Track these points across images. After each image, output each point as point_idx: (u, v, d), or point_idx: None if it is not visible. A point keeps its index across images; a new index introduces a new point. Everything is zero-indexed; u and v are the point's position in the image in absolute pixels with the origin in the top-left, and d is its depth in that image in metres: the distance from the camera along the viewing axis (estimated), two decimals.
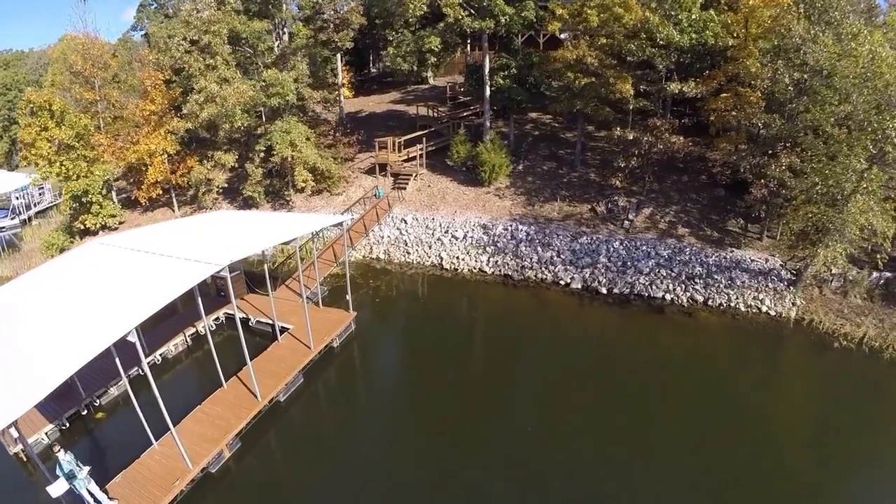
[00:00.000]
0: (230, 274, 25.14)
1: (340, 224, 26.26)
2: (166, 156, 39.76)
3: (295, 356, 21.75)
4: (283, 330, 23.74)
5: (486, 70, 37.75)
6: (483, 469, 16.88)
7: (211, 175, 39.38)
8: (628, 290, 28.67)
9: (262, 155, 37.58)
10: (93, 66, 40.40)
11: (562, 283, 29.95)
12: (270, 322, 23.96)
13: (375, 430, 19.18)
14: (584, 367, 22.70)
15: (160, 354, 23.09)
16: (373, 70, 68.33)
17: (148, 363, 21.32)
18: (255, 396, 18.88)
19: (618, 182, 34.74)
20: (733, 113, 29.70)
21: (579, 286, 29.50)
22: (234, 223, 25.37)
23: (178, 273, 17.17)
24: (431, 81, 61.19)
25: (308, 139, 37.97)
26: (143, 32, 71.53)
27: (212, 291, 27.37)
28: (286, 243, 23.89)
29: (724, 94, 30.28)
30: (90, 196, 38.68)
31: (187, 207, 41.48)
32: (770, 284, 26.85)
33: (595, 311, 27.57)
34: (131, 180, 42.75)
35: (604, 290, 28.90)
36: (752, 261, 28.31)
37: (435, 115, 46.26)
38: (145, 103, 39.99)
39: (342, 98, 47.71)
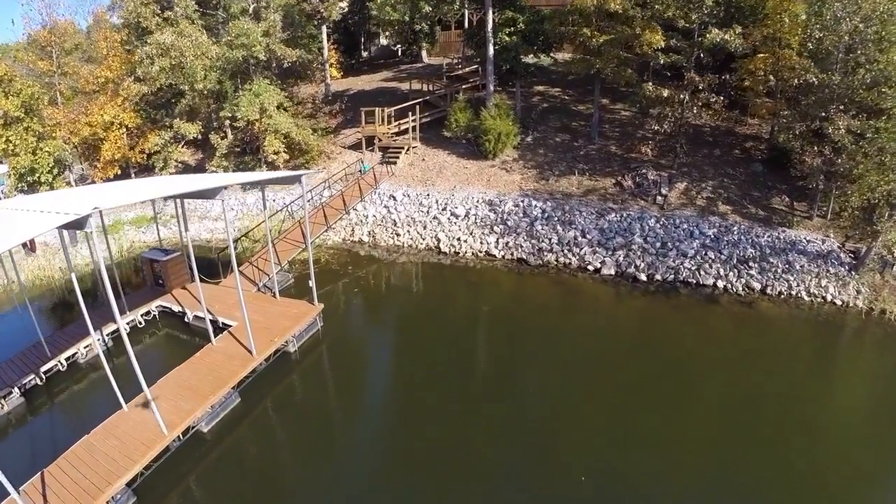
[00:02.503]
0: (166, 257, 19.91)
1: (298, 181, 19.33)
2: (124, 129, 34.61)
3: (229, 366, 15.85)
4: (224, 327, 18.21)
5: (489, 26, 32.34)
6: None
7: (170, 148, 34.00)
8: (672, 275, 23.44)
9: (228, 123, 32.07)
10: (50, 34, 36.86)
11: (590, 268, 24.42)
12: (212, 317, 18.45)
13: (338, 476, 13.05)
14: (636, 375, 17.15)
15: (65, 359, 17.28)
16: (364, 54, 63.47)
17: (45, 371, 15.95)
18: (161, 428, 12.97)
19: (648, 151, 30.08)
20: (770, 77, 26.55)
21: (612, 272, 24.01)
22: (155, 184, 20.15)
23: (27, 224, 12.04)
24: (426, 59, 56.15)
25: (282, 106, 32.60)
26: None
27: (148, 280, 21.92)
28: (192, 195, 17.02)
29: (762, 55, 26.70)
30: (37, 175, 33.95)
31: None
32: (831, 269, 22.62)
33: (636, 303, 22.06)
34: (89, 159, 37.74)
35: (643, 277, 23.49)
36: (809, 242, 24.11)
37: (431, 89, 40.79)
38: (100, 70, 34.96)
39: (328, 76, 42.32)
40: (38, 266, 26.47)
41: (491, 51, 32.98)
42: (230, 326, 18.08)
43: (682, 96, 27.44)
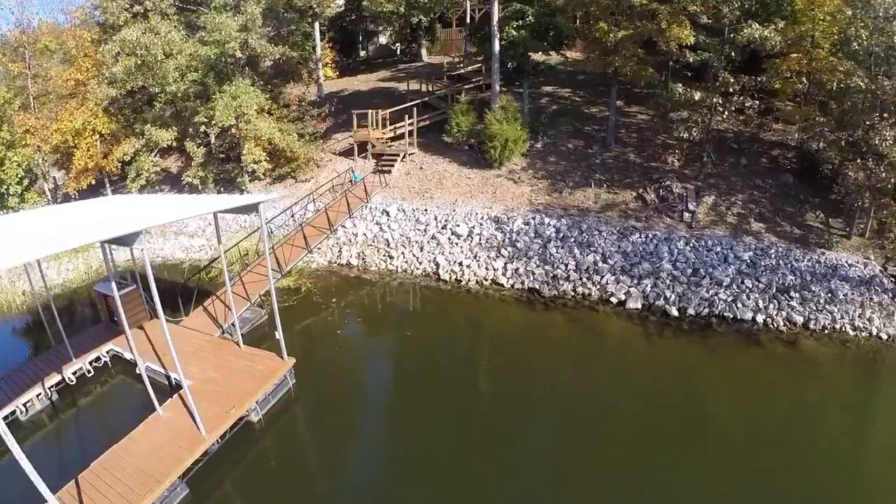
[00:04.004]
0: (118, 291, 16.78)
1: (255, 209, 15.57)
2: (97, 136, 31.37)
3: (174, 448, 12.48)
4: (178, 387, 14.93)
5: (495, 20, 29.12)
6: None
7: (142, 157, 30.84)
8: (706, 309, 20.26)
9: (203, 129, 28.89)
10: (22, 34, 34.19)
11: (613, 300, 21.14)
12: (164, 371, 15.41)
13: None
14: (669, 441, 13.97)
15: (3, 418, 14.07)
16: (362, 53, 60.45)
17: None
18: None
19: (676, 161, 26.93)
20: (803, 80, 24.86)
21: (638, 305, 20.73)
22: (106, 208, 17.00)
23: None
24: (426, 59, 53.14)
25: (265, 110, 29.43)
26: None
27: (103, 315, 18.87)
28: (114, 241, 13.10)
29: (795, 55, 24.41)
30: (5, 186, 31.44)
31: None
32: (874, 297, 19.98)
33: (667, 346, 18.78)
34: (64, 168, 34.85)
35: (674, 311, 20.28)
36: (850, 266, 21.53)
37: (431, 89, 37.57)
38: (69, 71, 31.81)
39: (321, 76, 39.07)
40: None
41: (497, 47, 29.78)
42: (181, 389, 14.79)
43: (714, 99, 24.23)
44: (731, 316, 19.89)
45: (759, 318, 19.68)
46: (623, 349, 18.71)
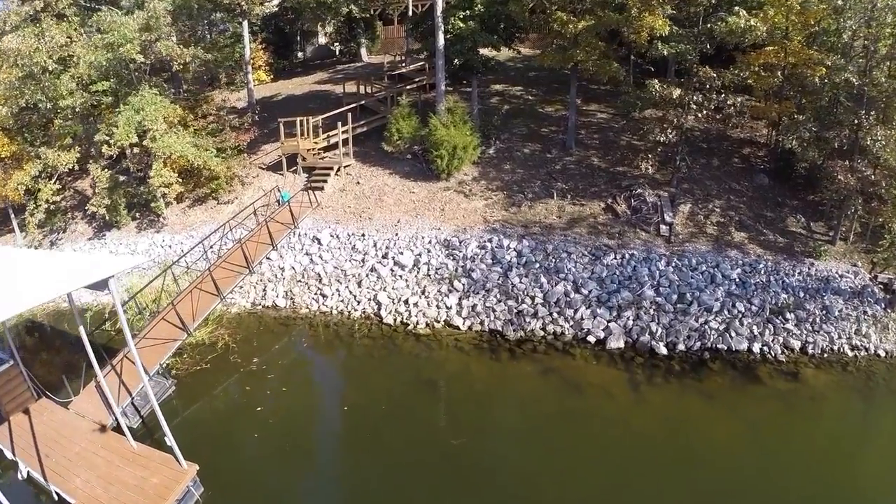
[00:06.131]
0: None
1: (105, 287, 11.68)
2: None
3: None
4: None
5: (439, 10, 25.64)
6: None
7: (40, 184, 26.43)
8: (698, 342, 17.64)
9: (106, 147, 24.65)
10: None
11: (591, 339, 17.90)
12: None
13: None
14: None
15: None
16: (300, 55, 56.70)
17: None
18: None
19: (649, 167, 24.27)
20: (777, 74, 23.00)
21: (620, 344, 17.59)
22: None
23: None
24: (366, 59, 49.88)
25: (180, 122, 25.42)
26: None
27: None
28: None
29: (771, 48, 22.59)
30: None
31: (39, 231, 28.20)
32: (868, 310, 18.90)
33: (659, 396, 15.82)
34: None
35: (662, 349, 17.31)
36: (841, 276, 20.25)
37: (369, 91, 33.89)
38: None
39: (251, 80, 35.00)
40: None
41: (441, 41, 26.31)
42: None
43: (696, 97, 21.59)
44: (726, 347, 17.70)
45: (756, 348, 17.76)
46: (607, 407, 15.49)
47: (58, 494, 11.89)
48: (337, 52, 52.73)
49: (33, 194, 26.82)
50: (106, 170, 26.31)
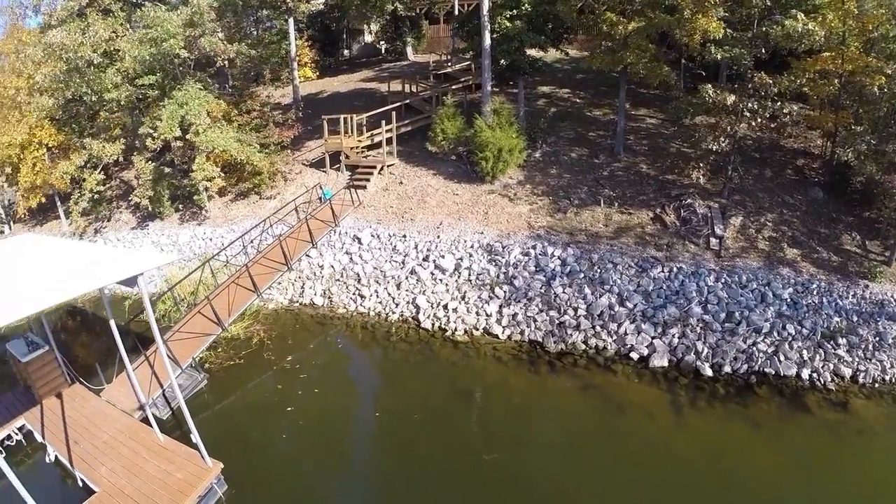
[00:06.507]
0: (29, 354, 14.23)
1: (134, 284, 11.54)
2: (44, 150, 27.73)
3: None
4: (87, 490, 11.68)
5: (485, 9, 25.18)
6: None
7: (85, 174, 26.91)
8: (745, 365, 16.69)
9: (150, 140, 24.88)
10: None
11: (633, 355, 17.23)
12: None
13: None
14: None
15: None
16: (346, 53, 56.89)
17: None
18: None
19: (701, 177, 23.50)
20: (834, 82, 21.80)
21: (664, 363, 16.88)
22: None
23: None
24: (412, 57, 49.75)
25: (225, 118, 25.60)
26: None
27: (20, 379, 15.16)
28: None
29: (828, 54, 21.42)
30: None
31: (83, 219, 29.03)
32: None
33: (702, 421, 15.04)
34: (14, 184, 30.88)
35: (707, 370, 16.47)
36: None
37: (414, 90, 33.68)
38: (10, 78, 28.00)
39: (296, 77, 35.08)
40: None
41: (487, 40, 25.79)
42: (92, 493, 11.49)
43: (749, 104, 20.63)
44: (773, 372, 16.58)
45: (805, 374, 16.51)
46: (647, 428, 14.77)
47: (82, 481, 11.99)
48: (383, 51, 52.95)
49: (79, 183, 27.42)
50: (150, 162, 26.64)
